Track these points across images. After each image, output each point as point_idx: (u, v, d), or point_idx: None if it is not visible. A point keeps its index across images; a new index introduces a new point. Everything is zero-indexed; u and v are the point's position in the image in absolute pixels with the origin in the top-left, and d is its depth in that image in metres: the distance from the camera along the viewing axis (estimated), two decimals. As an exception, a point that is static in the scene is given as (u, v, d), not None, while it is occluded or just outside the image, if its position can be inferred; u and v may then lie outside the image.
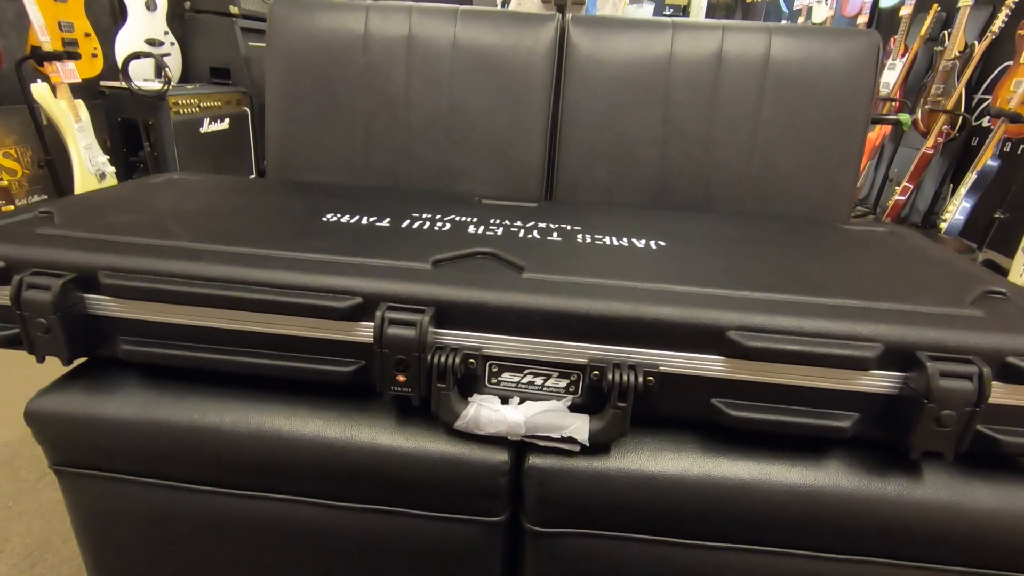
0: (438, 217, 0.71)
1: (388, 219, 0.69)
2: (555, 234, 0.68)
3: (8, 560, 0.86)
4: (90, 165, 2.18)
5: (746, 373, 0.50)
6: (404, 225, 0.68)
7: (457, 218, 0.72)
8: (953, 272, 0.62)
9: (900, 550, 0.52)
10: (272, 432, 0.55)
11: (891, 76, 3.38)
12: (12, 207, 1.96)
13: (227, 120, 2.78)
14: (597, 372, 0.50)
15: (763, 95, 0.91)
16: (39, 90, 2.00)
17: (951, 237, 2.48)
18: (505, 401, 0.53)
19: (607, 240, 0.67)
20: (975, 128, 2.82)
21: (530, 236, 0.67)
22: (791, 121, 0.91)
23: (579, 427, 0.51)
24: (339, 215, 0.70)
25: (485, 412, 0.52)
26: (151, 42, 2.65)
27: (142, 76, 2.53)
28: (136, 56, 2.32)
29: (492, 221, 0.71)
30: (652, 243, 0.67)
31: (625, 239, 0.68)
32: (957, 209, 2.41)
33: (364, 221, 0.68)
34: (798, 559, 0.54)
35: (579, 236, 0.68)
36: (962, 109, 2.79)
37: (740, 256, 0.64)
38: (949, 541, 0.51)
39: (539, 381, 0.53)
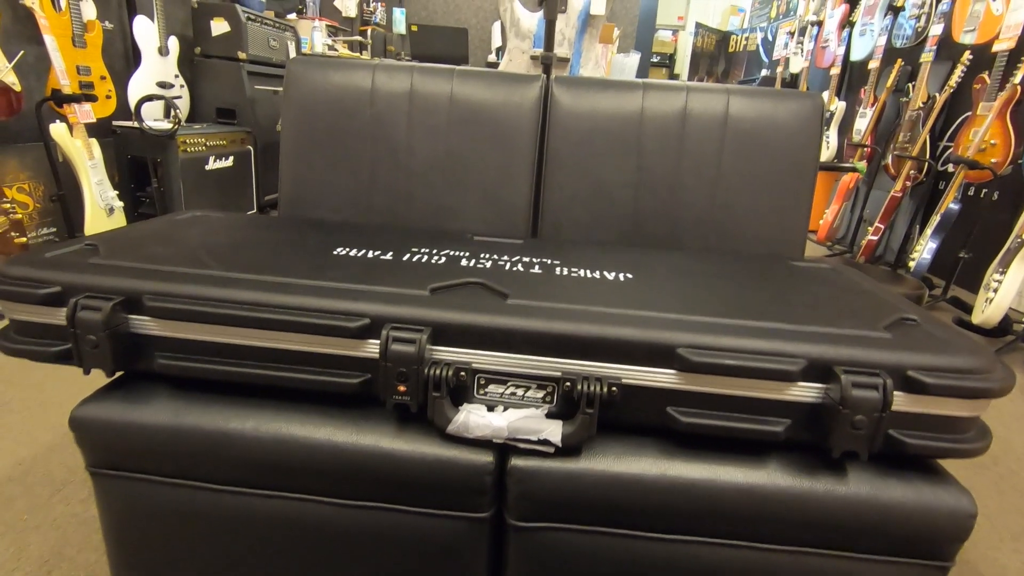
0: (435, 251, 0.81)
1: (391, 252, 0.79)
2: (537, 267, 0.78)
3: (25, 568, 0.91)
4: (100, 200, 2.28)
5: (695, 385, 0.59)
6: (405, 258, 0.77)
7: (451, 252, 0.81)
8: (876, 302, 0.72)
9: (829, 540, 0.61)
10: (288, 437, 0.63)
11: (863, 123, 3.59)
12: (24, 239, 2.04)
13: (231, 158, 2.90)
14: (569, 383, 0.59)
15: (723, 146, 1.03)
16: (57, 130, 2.12)
17: (913, 277, 2.61)
18: (491, 409, 0.62)
19: (582, 272, 0.77)
20: (941, 173, 2.99)
21: (515, 269, 0.77)
22: (748, 169, 1.03)
23: (553, 431, 0.60)
24: (348, 249, 0.79)
25: (473, 418, 0.60)
26: (162, 84, 2.80)
27: (152, 116, 2.66)
28: (149, 98, 2.45)
29: (482, 255, 0.81)
30: (621, 275, 0.77)
31: (598, 272, 0.78)
32: (924, 248, 2.55)
33: (370, 254, 0.78)
34: (743, 550, 0.62)
35: (557, 269, 0.78)
36: (927, 155, 2.97)
37: (694, 286, 0.74)
38: (868, 532, 0.59)
39: (520, 392, 0.62)
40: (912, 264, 2.59)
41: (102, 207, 2.29)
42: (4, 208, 1.97)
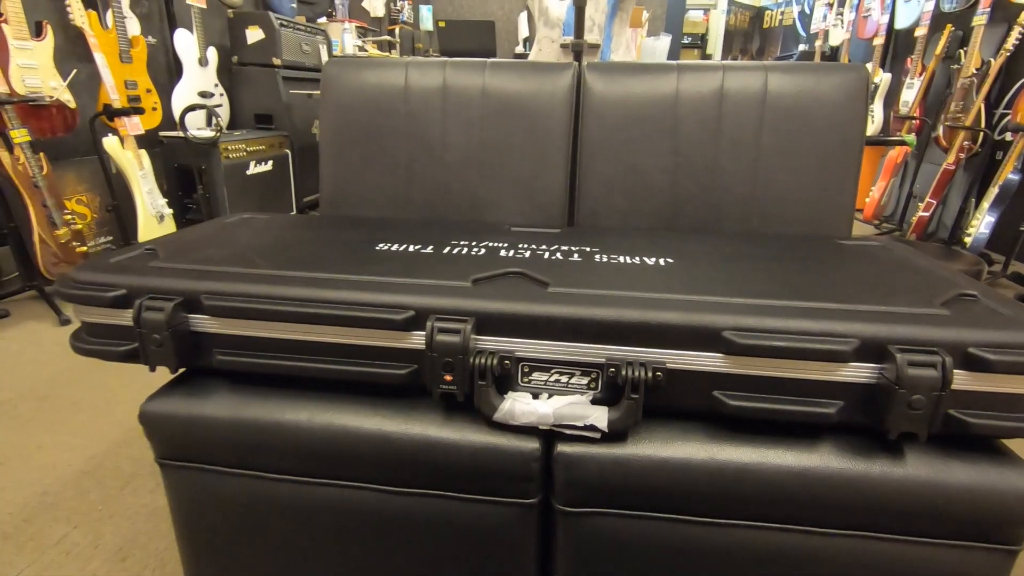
0: (474, 244, 0.82)
1: (431, 246, 0.80)
2: (576, 255, 0.78)
3: (102, 555, 0.97)
4: (151, 208, 2.39)
5: (742, 368, 0.59)
6: (445, 251, 0.79)
7: (490, 244, 0.82)
8: (931, 279, 0.70)
9: (885, 524, 0.59)
10: (340, 427, 0.65)
11: (910, 94, 3.43)
12: (85, 248, 2.16)
13: (270, 162, 2.99)
14: (613, 369, 0.59)
15: (762, 126, 1.00)
16: (110, 143, 2.23)
17: (970, 254, 2.49)
18: (536, 396, 0.63)
19: (621, 259, 0.77)
20: (998, 143, 2.84)
21: (554, 257, 0.77)
22: (790, 148, 1.00)
23: (599, 416, 0.60)
24: (390, 244, 0.81)
25: (519, 405, 0.61)
26: (203, 94, 2.90)
27: (195, 125, 2.77)
28: (192, 108, 2.54)
29: (521, 246, 0.82)
30: (661, 261, 0.76)
31: (637, 258, 0.77)
32: (981, 223, 2.42)
33: (411, 248, 0.79)
34: (795, 534, 0.61)
35: (597, 256, 0.78)
36: (982, 125, 2.82)
37: (738, 269, 0.73)
38: (928, 515, 0.58)
39: (564, 379, 0.62)
40: (968, 240, 2.47)
41: (153, 215, 2.40)
42: (66, 220, 2.08)
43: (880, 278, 0.70)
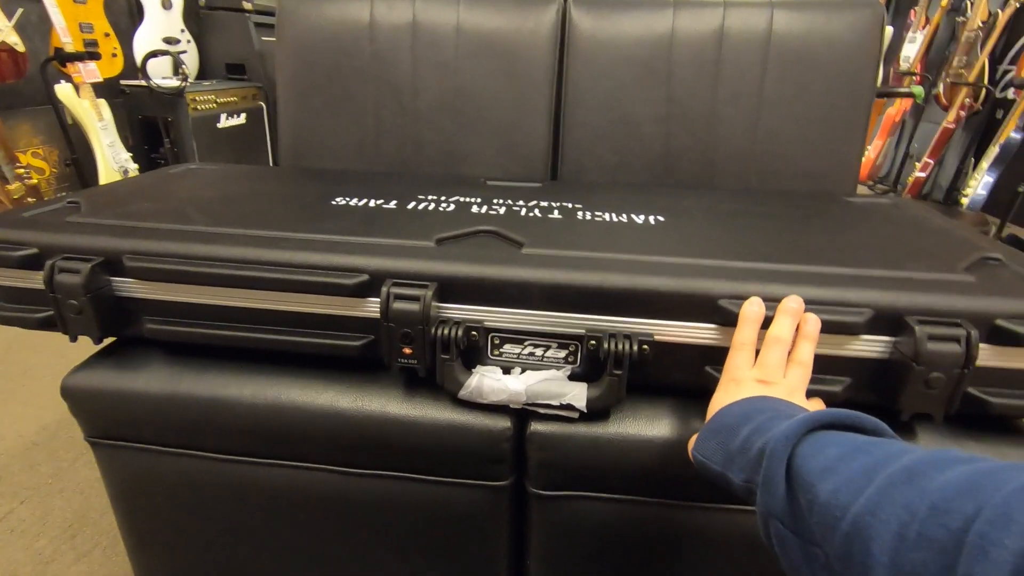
0: (443, 199, 0.74)
1: (395, 201, 0.72)
2: (556, 212, 0.70)
3: (51, 532, 0.91)
4: (114, 163, 2.25)
5: (739, 340, 0.52)
6: (410, 207, 0.70)
7: (462, 199, 0.74)
8: (950, 240, 0.63)
9: (892, 510, 0.54)
10: (288, 403, 0.58)
11: (912, 49, 3.30)
12: (42, 204, 2.04)
13: (243, 115, 2.83)
14: (594, 342, 0.52)
15: (766, 71, 0.91)
16: (63, 90, 2.07)
17: (972, 212, 2.43)
18: (507, 371, 0.55)
19: (607, 217, 0.69)
20: (999, 100, 2.74)
21: (531, 215, 0.69)
22: (795, 96, 0.91)
23: (577, 394, 0.53)
24: (348, 199, 0.72)
25: (488, 382, 0.54)
26: (168, 40, 2.71)
27: (160, 74, 2.59)
28: (154, 54, 2.37)
29: (495, 201, 0.73)
30: (651, 219, 0.68)
31: (624, 215, 0.69)
32: (979, 184, 2.36)
33: (371, 204, 0.71)
34: (793, 520, 0.55)
35: (579, 213, 0.70)
36: (985, 81, 2.72)
37: (737, 229, 0.65)
38: (940, 500, 0.52)
39: (539, 352, 0.55)
40: (965, 201, 2.40)
41: (116, 170, 2.26)
42: (19, 174, 1.95)
43: (894, 240, 0.63)
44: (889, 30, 3.58)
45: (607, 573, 0.62)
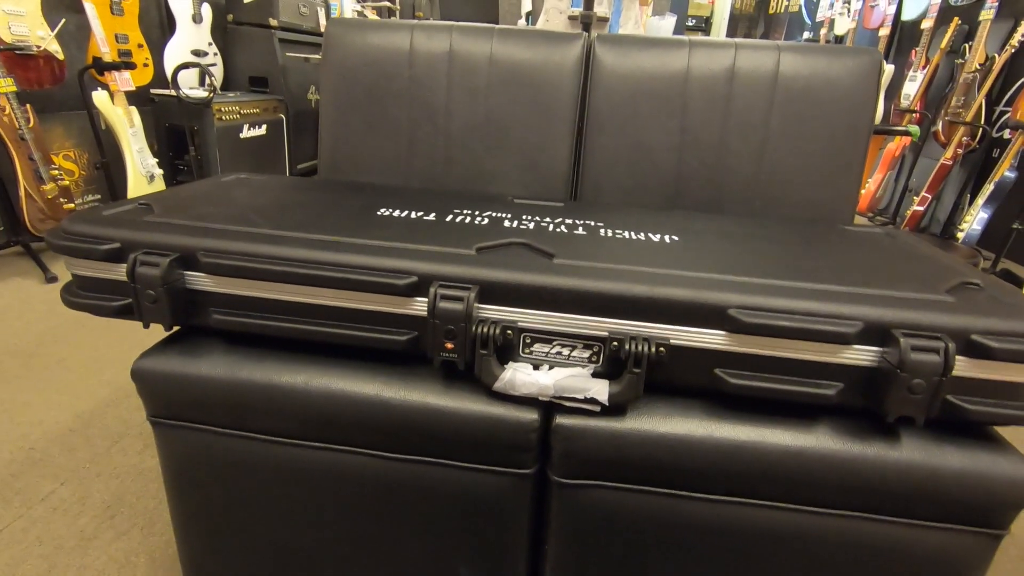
0: (477, 213, 0.81)
1: (434, 214, 0.79)
2: (580, 228, 0.77)
3: (91, 512, 0.97)
4: (141, 167, 2.34)
5: (745, 346, 0.58)
6: (448, 219, 0.77)
7: (494, 214, 0.81)
8: (935, 266, 0.70)
9: (879, 505, 0.60)
10: (338, 391, 0.65)
11: (912, 88, 3.41)
12: (72, 205, 2.11)
13: (264, 126, 2.93)
14: (616, 343, 0.59)
15: (772, 107, 0.99)
16: (99, 97, 2.16)
17: (965, 247, 2.51)
18: (536, 368, 0.62)
19: (626, 234, 0.76)
20: (995, 140, 2.84)
21: (558, 230, 0.76)
22: (798, 131, 0.99)
23: (600, 389, 0.60)
24: (391, 210, 0.80)
25: (520, 376, 0.61)
26: (196, 52, 2.82)
27: (187, 84, 2.69)
28: (185, 66, 2.47)
29: (524, 217, 0.81)
30: (667, 237, 0.75)
31: (643, 234, 0.76)
32: (975, 219, 2.44)
33: (413, 215, 0.78)
34: (789, 512, 0.61)
35: (602, 230, 0.77)
36: (982, 121, 2.82)
37: (744, 249, 0.72)
38: (920, 498, 0.58)
39: (566, 351, 0.62)
40: (960, 235, 2.48)
41: (143, 174, 2.35)
42: (53, 175, 2.03)
43: (885, 264, 0.70)
44: (890, 69, 3.70)
45: (620, 557, 0.68)
